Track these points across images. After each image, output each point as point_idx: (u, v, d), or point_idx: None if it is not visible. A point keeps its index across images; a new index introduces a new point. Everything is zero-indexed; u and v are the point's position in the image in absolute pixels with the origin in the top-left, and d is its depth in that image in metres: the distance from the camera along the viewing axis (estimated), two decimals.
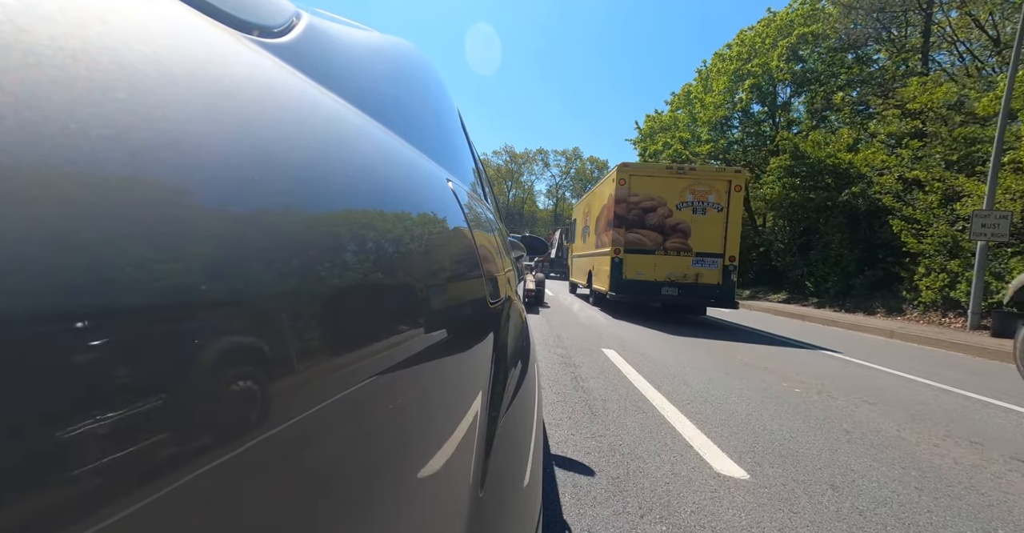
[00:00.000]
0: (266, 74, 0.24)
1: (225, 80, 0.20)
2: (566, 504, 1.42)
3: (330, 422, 0.18)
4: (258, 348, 0.16)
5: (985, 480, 1.79)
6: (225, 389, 0.14)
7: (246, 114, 0.20)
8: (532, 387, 0.72)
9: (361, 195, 0.28)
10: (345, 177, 0.26)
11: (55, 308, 0.10)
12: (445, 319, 0.34)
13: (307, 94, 0.28)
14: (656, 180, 6.65)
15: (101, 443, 0.11)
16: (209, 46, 0.21)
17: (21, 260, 0.10)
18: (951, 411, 2.75)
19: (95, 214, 0.11)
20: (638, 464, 1.72)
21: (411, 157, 0.43)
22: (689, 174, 6.65)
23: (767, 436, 2.08)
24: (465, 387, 0.37)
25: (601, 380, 2.91)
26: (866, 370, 3.86)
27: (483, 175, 1.40)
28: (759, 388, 2.96)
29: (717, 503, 1.47)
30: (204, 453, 0.13)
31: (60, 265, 0.10)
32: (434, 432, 0.29)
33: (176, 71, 0.17)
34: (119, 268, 0.12)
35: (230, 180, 0.17)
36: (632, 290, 6.49)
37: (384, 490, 0.22)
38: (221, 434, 0.13)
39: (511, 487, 0.45)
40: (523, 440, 0.55)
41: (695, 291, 6.46)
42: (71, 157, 0.11)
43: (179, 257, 0.13)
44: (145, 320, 0.12)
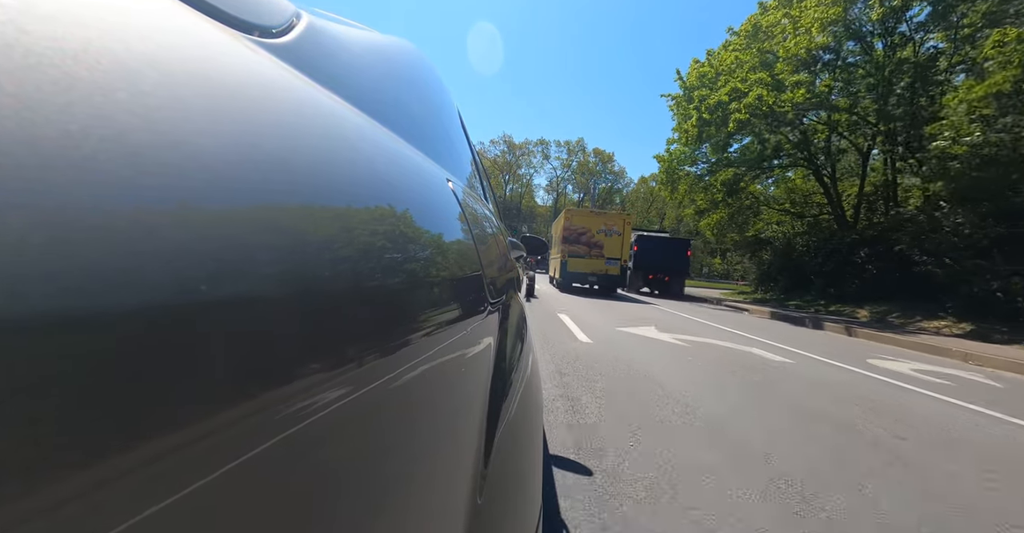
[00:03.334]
0: (266, 74, 0.24)
1: (225, 80, 0.20)
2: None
3: (327, 425, 0.18)
4: (258, 349, 0.15)
5: None
6: (223, 390, 0.14)
7: (246, 114, 0.20)
8: (533, 387, 0.72)
9: (361, 195, 0.28)
10: (345, 177, 0.26)
11: (55, 309, 0.10)
12: (445, 320, 0.34)
13: (307, 94, 0.28)
14: (586, 217, 12.68)
15: (101, 444, 0.10)
16: (209, 46, 0.21)
17: (21, 261, 0.10)
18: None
19: (95, 215, 0.11)
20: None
21: (411, 157, 0.43)
22: (603, 215, 12.82)
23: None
24: (466, 388, 0.36)
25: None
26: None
27: (483, 175, 1.41)
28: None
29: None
30: (192, 457, 0.13)
31: (60, 266, 0.10)
32: (434, 435, 0.29)
33: (176, 71, 0.17)
34: (119, 269, 0.12)
35: (230, 180, 0.17)
36: (572, 278, 12.08)
37: (382, 493, 0.22)
38: (215, 436, 0.13)
39: (511, 490, 0.45)
40: (524, 442, 0.55)
41: (607, 280, 12.18)
42: (71, 158, 0.11)
43: (180, 258, 0.13)
44: (145, 321, 0.12)
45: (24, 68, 0.12)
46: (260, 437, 0.15)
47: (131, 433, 0.11)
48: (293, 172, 0.21)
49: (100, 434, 0.11)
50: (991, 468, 2.05)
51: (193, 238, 0.14)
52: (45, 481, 0.09)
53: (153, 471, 0.11)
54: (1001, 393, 3.73)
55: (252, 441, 0.14)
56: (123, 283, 0.11)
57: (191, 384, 0.13)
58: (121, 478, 0.11)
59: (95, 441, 0.10)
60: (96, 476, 0.10)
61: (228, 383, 0.14)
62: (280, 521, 0.16)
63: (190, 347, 0.13)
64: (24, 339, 0.09)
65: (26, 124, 0.11)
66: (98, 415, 0.10)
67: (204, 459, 0.13)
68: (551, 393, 2.61)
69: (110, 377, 0.11)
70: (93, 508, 0.10)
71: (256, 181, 0.18)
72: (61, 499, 0.10)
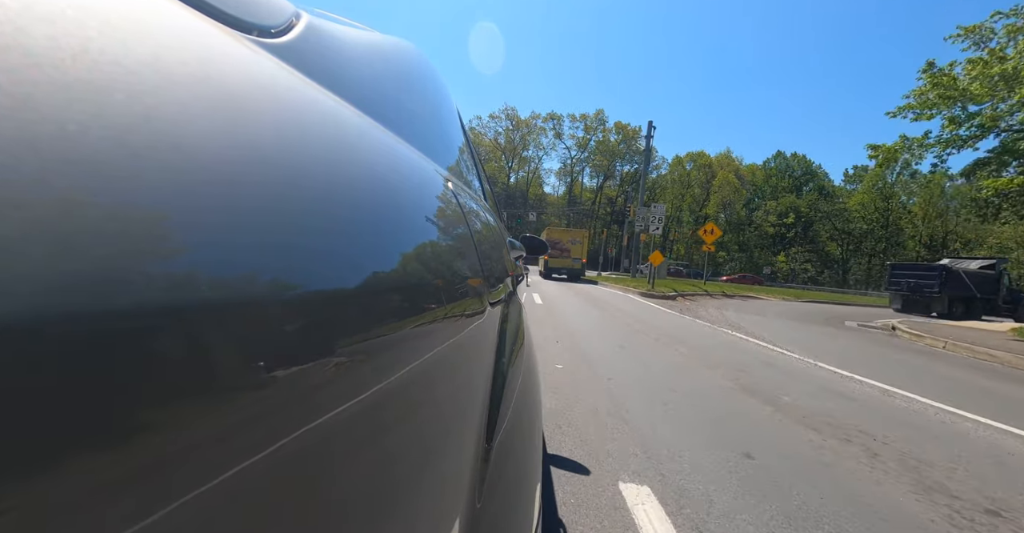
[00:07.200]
0: (266, 74, 0.24)
1: (224, 80, 0.20)
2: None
3: (326, 427, 0.18)
4: (257, 349, 0.15)
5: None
6: (222, 390, 0.14)
7: (246, 114, 0.20)
8: (532, 388, 0.72)
9: (361, 195, 0.28)
10: (345, 177, 0.26)
11: (56, 309, 0.10)
12: (444, 321, 0.34)
13: (307, 94, 0.28)
14: (560, 232, 19.99)
15: (102, 445, 0.10)
16: (208, 46, 0.21)
17: (21, 261, 0.10)
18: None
19: (95, 215, 0.11)
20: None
21: (411, 157, 0.43)
22: (570, 231, 20.82)
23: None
24: (465, 389, 0.36)
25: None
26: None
27: (483, 175, 1.43)
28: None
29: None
30: (191, 457, 0.13)
31: (60, 266, 0.10)
32: (434, 435, 0.29)
33: (175, 71, 0.17)
34: (119, 269, 0.12)
35: (230, 180, 0.17)
36: (551, 270, 18.93)
37: (382, 493, 0.22)
38: (213, 436, 0.13)
39: (511, 490, 0.45)
40: (523, 442, 0.55)
41: (572, 272, 19.04)
42: (71, 157, 0.11)
43: (180, 258, 0.13)
44: (146, 321, 0.12)
45: (24, 68, 0.12)
46: (257, 439, 0.15)
47: (131, 433, 0.11)
48: (292, 172, 0.21)
49: (100, 434, 0.10)
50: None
51: (193, 238, 0.14)
52: (45, 481, 0.09)
53: (153, 471, 0.11)
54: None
55: (248, 443, 0.14)
56: (123, 283, 0.11)
57: (191, 384, 0.13)
58: (121, 478, 0.11)
59: (95, 441, 0.10)
60: (96, 476, 0.10)
61: (227, 383, 0.14)
62: (280, 521, 0.16)
63: (190, 347, 0.13)
64: (24, 339, 0.09)
65: (26, 124, 0.11)
66: (98, 415, 0.10)
67: (203, 459, 0.13)
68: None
69: (110, 377, 0.11)
70: (93, 508, 0.10)
71: (256, 181, 0.18)
72: (61, 499, 0.10)
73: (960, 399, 3.59)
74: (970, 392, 3.96)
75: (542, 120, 49.15)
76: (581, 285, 15.74)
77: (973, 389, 4.12)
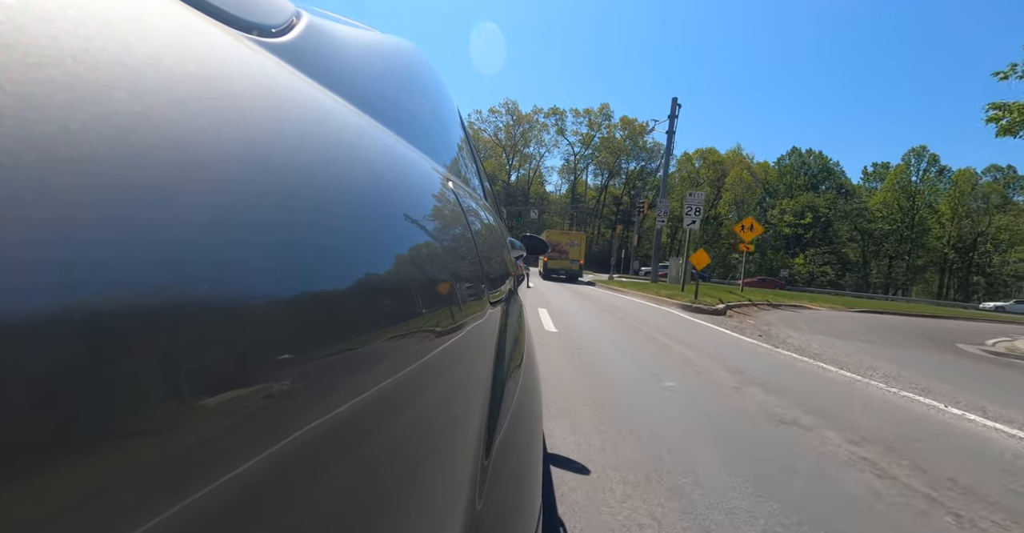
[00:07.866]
0: (266, 74, 0.24)
1: (225, 80, 0.20)
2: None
3: (325, 427, 0.18)
4: (256, 349, 0.15)
5: None
6: (222, 390, 0.14)
7: (246, 114, 0.20)
8: (534, 388, 0.72)
9: (361, 195, 0.28)
10: (345, 177, 0.26)
11: (56, 309, 0.10)
12: (444, 321, 0.34)
13: (307, 94, 0.28)
14: (559, 235, 20.54)
15: (102, 446, 0.10)
16: (209, 46, 0.21)
17: (21, 261, 0.10)
18: None
19: (95, 214, 0.11)
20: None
21: (411, 157, 0.44)
22: (568, 233, 21.37)
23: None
24: (466, 389, 0.36)
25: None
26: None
27: (483, 174, 1.42)
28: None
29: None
30: (190, 457, 0.13)
31: (60, 266, 0.10)
32: (434, 435, 0.29)
33: (176, 71, 0.17)
34: (119, 269, 0.11)
35: (231, 180, 0.17)
36: (551, 271, 19.59)
37: (382, 494, 0.22)
38: (212, 436, 0.13)
39: (511, 490, 0.45)
40: (524, 442, 0.55)
41: (570, 272, 19.77)
42: (71, 157, 0.11)
43: (180, 258, 0.13)
44: (145, 321, 0.12)
45: (24, 68, 0.12)
46: (256, 440, 0.15)
47: (132, 433, 0.11)
48: (292, 171, 0.21)
49: (100, 434, 0.10)
50: None
51: (193, 237, 0.14)
52: (44, 481, 0.09)
53: (153, 471, 0.11)
54: None
55: (247, 444, 0.14)
56: (123, 283, 0.11)
57: (191, 384, 0.13)
58: (120, 479, 0.11)
59: (95, 441, 0.10)
60: (96, 477, 0.10)
61: (226, 383, 0.14)
62: (280, 522, 0.16)
63: (189, 347, 0.13)
64: (24, 339, 0.09)
65: (26, 123, 0.11)
66: (98, 415, 0.10)
67: (204, 459, 0.13)
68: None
69: (110, 377, 0.11)
70: (93, 508, 0.10)
71: (255, 180, 0.18)
72: (60, 499, 0.10)
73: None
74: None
75: (544, 115, 47.00)
76: (593, 292, 13.10)
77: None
